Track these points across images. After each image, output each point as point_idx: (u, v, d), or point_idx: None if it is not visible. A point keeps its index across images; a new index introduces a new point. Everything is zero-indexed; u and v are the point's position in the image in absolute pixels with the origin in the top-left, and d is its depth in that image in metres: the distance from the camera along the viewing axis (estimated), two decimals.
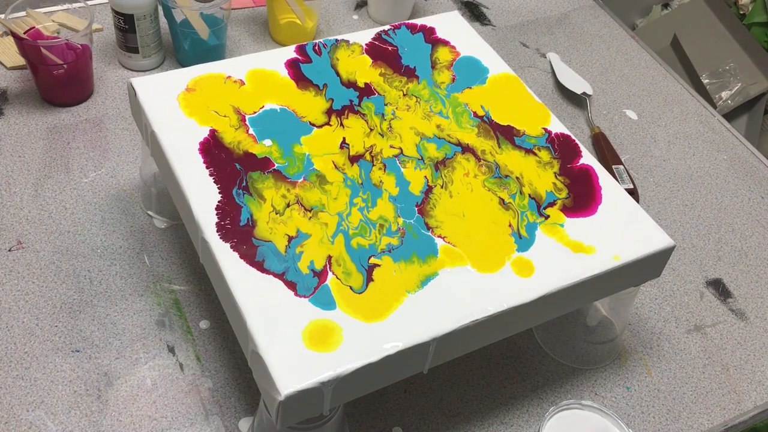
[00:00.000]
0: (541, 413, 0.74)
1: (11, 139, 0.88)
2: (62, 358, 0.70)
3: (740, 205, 0.99)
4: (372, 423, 0.70)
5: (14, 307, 0.73)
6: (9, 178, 0.84)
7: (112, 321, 0.74)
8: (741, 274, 0.90)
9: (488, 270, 0.63)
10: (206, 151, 0.67)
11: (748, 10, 1.87)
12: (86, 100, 0.94)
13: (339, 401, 0.57)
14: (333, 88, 0.76)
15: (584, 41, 1.20)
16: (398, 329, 0.57)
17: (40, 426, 0.66)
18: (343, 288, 0.59)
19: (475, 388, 0.75)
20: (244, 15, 1.11)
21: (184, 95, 0.72)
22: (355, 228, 0.64)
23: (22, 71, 0.96)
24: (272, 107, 0.73)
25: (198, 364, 0.72)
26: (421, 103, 0.76)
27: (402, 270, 0.61)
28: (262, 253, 0.60)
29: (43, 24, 0.91)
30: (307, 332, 0.56)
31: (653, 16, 2.03)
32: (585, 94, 1.08)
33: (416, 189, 0.68)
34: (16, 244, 0.78)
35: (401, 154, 0.71)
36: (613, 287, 0.69)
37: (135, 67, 0.99)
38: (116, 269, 0.78)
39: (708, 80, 1.78)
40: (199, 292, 0.77)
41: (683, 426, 0.75)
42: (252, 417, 0.68)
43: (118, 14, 0.93)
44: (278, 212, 0.64)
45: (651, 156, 1.03)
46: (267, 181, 0.66)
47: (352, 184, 0.67)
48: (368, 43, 0.82)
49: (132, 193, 0.85)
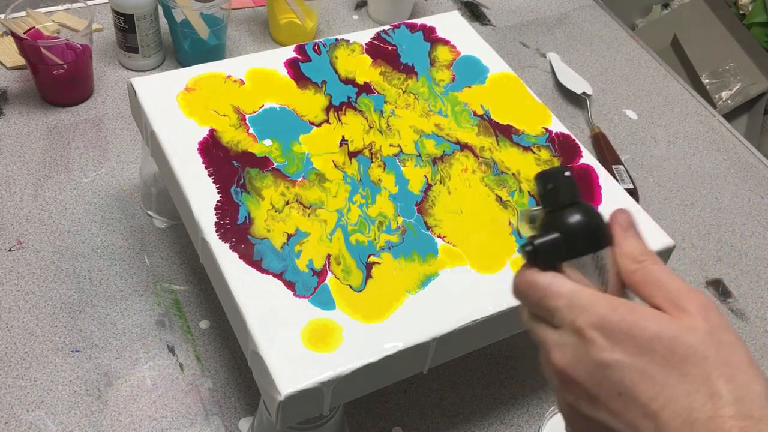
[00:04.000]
0: (541, 413, 0.74)
1: (11, 139, 0.88)
2: (62, 358, 0.70)
3: (740, 205, 0.99)
4: (372, 423, 0.70)
5: (14, 307, 0.73)
6: (9, 178, 0.84)
7: (112, 321, 0.74)
8: (741, 274, 0.90)
9: (488, 270, 0.63)
10: (205, 150, 0.67)
11: (748, 10, 1.87)
12: (86, 100, 0.94)
13: (339, 401, 0.57)
14: (332, 84, 0.76)
15: (584, 41, 1.20)
16: (398, 329, 0.57)
17: (40, 426, 0.66)
18: (342, 287, 0.59)
19: (475, 388, 0.74)
20: (244, 15, 1.11)
21: (183, 95, 0.72)
22: (354, 224, 0.64)
23: (22, 71, 0.96)
24: (272, 106, 0.73)
25: (198, 364, 0.72)
26: (420, 100, 0.76)
27: (402, 268, 0.61)
28: (260, 252, 0.60)
29: (43, 24, 0.91)
30: (306, 332, 0.56)
31: (653, 16, 2.03)
32: (585, 94, 1.08)
33: (416, 188, 0.68)
34: (16, 244, 0.78)
35: (401, 153, 0.71)
36: None
37: (135, 67, 0.99)
38: (116, 269, 0.78)
39: (708, 80, 1.78)
40: (199, 292, 0.77)
41: None
42: (252, 417, 0.68)
43: (118, 14, 0.93)
44: (277, 210, 0.64)
45: (651, 156, 1.03)
46: (266, 179, 0.66)
47: (351, 181, 0.67)
48: (368, 43, 0.82)
49: (132, 193, 0.85)
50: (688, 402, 0.34)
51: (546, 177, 0.41)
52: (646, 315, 0.36)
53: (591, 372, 0.36)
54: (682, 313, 0.36)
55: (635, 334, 0.36)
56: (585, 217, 0.40)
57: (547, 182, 0.41)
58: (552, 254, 0.40)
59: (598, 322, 0.36)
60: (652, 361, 0.35)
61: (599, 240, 0.40)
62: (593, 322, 0.37)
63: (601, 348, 0.36)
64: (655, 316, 0.36)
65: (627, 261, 0.39)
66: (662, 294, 0.38)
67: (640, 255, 0.39)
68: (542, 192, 0.41)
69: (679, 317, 0.36)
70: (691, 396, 0.34)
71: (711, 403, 0.34)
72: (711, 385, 0.34)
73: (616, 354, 0.35)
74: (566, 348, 0.38)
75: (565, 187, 0.41)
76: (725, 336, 0.36)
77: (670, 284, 0.38)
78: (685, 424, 0.34)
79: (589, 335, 0.36)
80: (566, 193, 0.41)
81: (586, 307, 0.37)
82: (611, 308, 0.37)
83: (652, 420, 0.34)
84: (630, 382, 0.35)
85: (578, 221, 0.40)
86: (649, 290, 0.38)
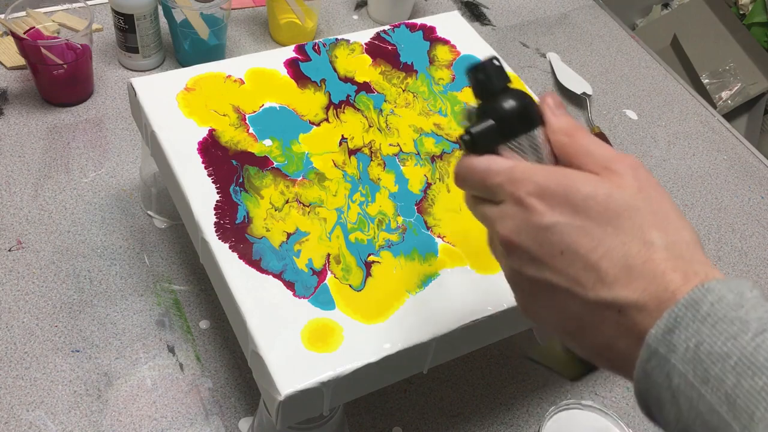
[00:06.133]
0: (541, 413, 0.74)
1: (11, 139, 0.88)
2: (62, 358, 0.70)
3: (740, 205, 0.99)
4: (372, 423, 0.70)
5: (14, 307, 0.73)
6: (9, 178, 0.84)
7: (112, 321, 0.74)
8: (741, 274, 0.90)
9: (488, 270, 0.63)
10: (205, 150, 0.67)
11: (748, 10, 1.87)
12: (86, 100, 0.94)
13: (339, 401, 0.57)
14: (331, 83, 0.76)
15: (584, 41, 1.20)
16: (398, 329, 0.57)
17: (40, 426, 0.66)
18: (342, 287, 0.59)
19: (475, 388, 0.74)
20: (244, 15, 1.11)
21: (183, 95, 0.72)
22: (354, 223, 0.64)
23: (22, 71, 0.96)
24: (272, 106, 0.73)
25: (198, 364, 0.72)
26: (420, 99, 0.76)
27: (402, 267, 0.61)
28: (259, 251, 0.60)
29: (43, 24, 0.91)
30: (306, 332, 0.56)
31: (653, 16, 2.03)
32: (585, 94, 1.08)
33: (416, 187, 0.68)
34: (16, 244, 0.78)
35: (401, 152, 0.71)
36: None
37: (135, 67, 0.99)
38: (116, 269, 0.78)
39: (708, 80, 1.78)
40: (199, 292, 0.77)
41: None
42: (252, 417, 0.68)
43: (118, 14, 0.93)
44: (277, 209, 0.64)
45: (651, 156, 1.03)
46: (265, 178, 0.66)
47: (351, 179, 0.67)
48: (368, 43, 0.82)
49: (132, 193, 0.85)
50: (624, 251, 0.37)
51: (476, 68, 0.44)
52: (580, 178, 0.39)
53: (533, 236, 0.39)
54: (613, 174, 0.39)
55: (571, 196, 0.38)
56: (515, 100, 0.42)
57: (477, 73, 0.43)
58: (488, 139, 0.42)
59: (536, 189, 0.39)
60: (588, 218, 0.38)
61: (531, 120, 0.42)
62: (531, 190, 0.39)
63: (541, 213, 0.39)
64: (588, 178, 0.39)
65: (558, 136, 0.42)
66: (593, 161, 0.40)
67: (570, 129, 0.42)
68: (474, 84, 0.44)
69: (610, 178, 0.39)
70: (627, 245, 0.37)
71: (645, 249, 0.37)
72: (644, 235, 0.37)
73: (555, 216, 0.38)
74: (509, 218, 0.40)
75: (495, 75, 0.43)
76: (654, 192, 0.39)
77: (601, 151, 0.40)
78: (622, 270, 0.36)
79: (528, 203, 0.39)
80: (497, 80, 0.43)
81: (523, 178, 0.40)
82: (547, 176, 0.39)
83: (592, 271, 0.37)
84: (570, 239, 0.38)
85: (510, 104, 0.42)
86: (581, 160, 0.40)
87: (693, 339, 0.34)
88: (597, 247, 0.37)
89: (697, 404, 0.34)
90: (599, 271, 0.37)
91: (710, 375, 0.33)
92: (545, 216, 0.38)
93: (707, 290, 0.35)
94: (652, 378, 0.35)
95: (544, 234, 0.38)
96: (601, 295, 0.37)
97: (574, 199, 0.38)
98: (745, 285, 0.35)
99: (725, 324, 0.34)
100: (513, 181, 0.40)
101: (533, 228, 0.39)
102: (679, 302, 0.35)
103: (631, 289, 0.36)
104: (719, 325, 0.34)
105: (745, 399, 0.32)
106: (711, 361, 0.33)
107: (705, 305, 0.34)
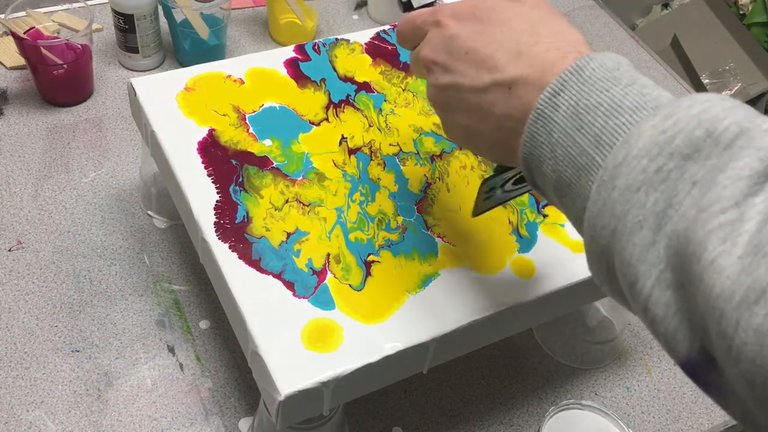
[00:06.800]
0: (541, 413, 0.74)
1: (11, 139, 0.88)
2: (62, 358, 0.70)
3: None
4: (372, 423, 0.70)
5: (14, 307, 0.73)
6: (9, 178, 0.84)
7: (112, 321, 0.74)
8: None
9: (488, 270, 0.63)
10: (205, 150, 0.67)
11: (748, 10, 1.87)
12: (86, 100, 0.94)
13: (339, 401, 0.57)
14: (331, 82, 0.76)
15: None
16: (398, 329, 0.57)
17: (40, 426, 0.66)
18: (342, 287, 0.59)
19: (475, 388, 0.74)
20: (244, 15, 1.11)
21: (183, 94, 0.72)
22: (354, 222, 0.64)
23: (22, 71, 0.96)
24: (272, 105, 0.73)
25: (198, 364, 0.72)
26: (420, 99, 0.76)
27: (402, 266, 0.61)
28: (258, 251, 0.60)
29: (43, 24, 0.91)
30: (306, 332, 0.56)
31: (653, 16, 2.03)
32: None
33: (416, 187, 0.68)
34: (16, 244, 0.78)
35: (401, 152, 0.71)
36: None
37: (135, 67, 0.99)
38: (116, 269, 0.78)
39: (708, 80, 1.78)
40: (199, 292, 0.77)
41: (683, 426, 0.75)
42: (252, 417, 0.68)
43: (118, 14, 0.93)
44: (277, 208, 0.64)
45: None
46: (265, 178, 0.66)
47: (351, 179, 0.67)
48: (368, 43, 0.82)
49: (132, 193, 0.85)
50: (515, 43, 0.44)
51: None
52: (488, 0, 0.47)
53: (445, 47, 0.47)
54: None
55: (477, 11, 0.46)
56: None
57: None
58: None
59: (451, 12, 0.48)
60: (488, 24, 0.45)
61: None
62: (447, 13, 0.48)
63: (452, 27, 0.47)
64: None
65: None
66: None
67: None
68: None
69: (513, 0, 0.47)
70: (517, 38, 0.44)
71: (533, 39, 0.43)
72: (534, 31, 0.44)
73: (462, 27, 0.46)
74: (430, 41, 0.48)
75: None
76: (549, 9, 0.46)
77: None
78: (513, 55, 0.43)
79: (444, 22, 0.47)
80: None
81: (442, 8, 0.49)
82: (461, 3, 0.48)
83: (490, 61, 0.44)
84: (472, 42, 0.45)
85: None
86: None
87: (574, 98, 0.39)
88: (493, 43, 0.44)
89: (570, 150, 0.39)
90: (495, 60, 0.44)
91: (584, 122, 0.39)
92: (455, 29, 0.46)
93: (590, 59, 0.40)
94: (536, 138, 0.41)
95: (453, 42, 0.46)
96: (495, 77, 0.43)
97: (478, 12, 0.46)
98: (623, 58, 0.41)
99: (602, 82, 0.39)
100: (434, 12, 0.49)
101: (445, 40, 0.47)
102: (566, 69, 0.40)
103: (519, 66, 0.43)
104: (598, 83, 0.39)
105: (609, 135, 0.37)
106: (586, 111, 0.39)
107: (587, 70, 0.40)
